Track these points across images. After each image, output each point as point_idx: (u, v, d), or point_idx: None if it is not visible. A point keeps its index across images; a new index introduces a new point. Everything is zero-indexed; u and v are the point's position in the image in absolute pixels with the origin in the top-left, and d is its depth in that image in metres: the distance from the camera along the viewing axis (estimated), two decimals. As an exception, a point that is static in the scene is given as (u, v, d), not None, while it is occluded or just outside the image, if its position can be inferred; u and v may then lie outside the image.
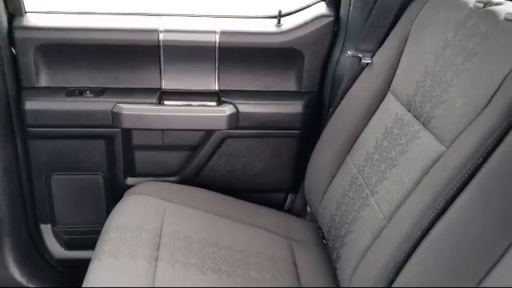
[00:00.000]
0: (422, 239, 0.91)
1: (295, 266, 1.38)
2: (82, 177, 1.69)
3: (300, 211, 1.77)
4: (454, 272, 0.82)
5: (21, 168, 1.63)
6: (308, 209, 1.67)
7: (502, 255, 0.77)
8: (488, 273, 0.78)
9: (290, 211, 1.81)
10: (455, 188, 0.88)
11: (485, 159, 0.85)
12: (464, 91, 1.00)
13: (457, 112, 1.00)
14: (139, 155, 1.70)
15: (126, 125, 1.58)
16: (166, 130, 1.63)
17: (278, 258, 1.39)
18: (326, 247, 1.44)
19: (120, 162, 1.67)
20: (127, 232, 1.30)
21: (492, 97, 0.91)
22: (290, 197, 1.84)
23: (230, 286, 1.22)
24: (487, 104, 0.92)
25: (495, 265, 0.77)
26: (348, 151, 1.37)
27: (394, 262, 0.96)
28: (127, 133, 1.63)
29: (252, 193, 1.76)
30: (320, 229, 1.50)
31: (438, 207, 0.90)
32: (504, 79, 0.90)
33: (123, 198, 1.49)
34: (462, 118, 0.97)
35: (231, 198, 1.63)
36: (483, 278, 0.78)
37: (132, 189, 1.55)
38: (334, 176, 1.40)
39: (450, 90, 1.05)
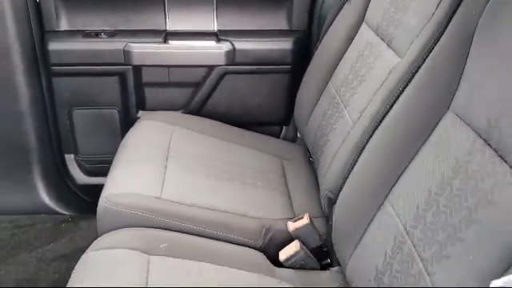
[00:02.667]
0: (375, 130, 1.12)
1: (284, 178, 1.60)
2: (99, 111, 1.92)
3: (292, 139, 1.99)
4: (395, 152, 1.03)
5: (46, 103, 1.86)
6: (298, 134, 1.89)
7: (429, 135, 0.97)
8: (421, 146, 0.98)
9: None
10: (401, 88, 1.09)
11: (423, 61, 1.06)
12: (417, 10, 1.20)
13: (411, 29, 1.20)
14: (149, 91, 1.92)
15: (136, 62, 1.80)
16: (171, 66, 1.84)
17: (270, 171, 1.61)
18: (312, 164, 1.66)
19: (132, 97, 1.90)
20: (140, 147, 1.53)
21: (435, 11, 1.11)
22: (284, 129, 2.06)
23: (229, 189, 1.44)
24: (431, 17, 1.12)
25: (424, 142, 0.98)
26: (329, 78, 1.58)
27: (355, 151, 1.17)
28: (137, 70, 1.84)
29: (250, 126, 1.97)
30: (307, 149, 1.72)
31: (388, 106, 1.11)
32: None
33: (135, 124, 1.72)
34: (414, 32, 1.17)
35: (232, 126, 1.84)
36: (413, 158, 0.99)
37: (143, 116, 1.78)
38: (317, 100, 1.61)
39: (407, 13, 1.25)
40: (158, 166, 1.45)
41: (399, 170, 1.01)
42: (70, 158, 2.00)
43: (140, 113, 1.92)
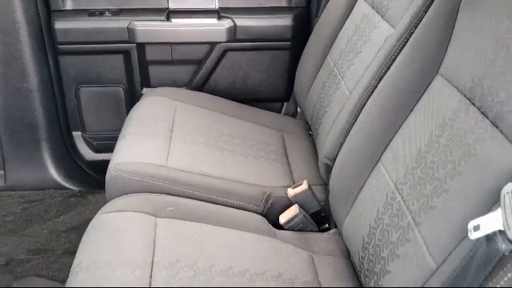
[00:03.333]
0: (369, 97, 1.17)
1: (285, 149, 1.66)
2: (105, 89, 1.97)
3: (292, 114, 2.05)
4: (388, 116, 1.09)
5: (53, 81, 1.91)
6: (298, 109, 1.95)
7: (419, 98, 1.03)
8: (412, 110, 1.04)
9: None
10: (393, 56, 1.14)
11: (414, 28, 1.10)
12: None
13: (403, 1, 1.25)
14: (153, 69, 1.97)
15: (140, 39, 1.85)
16: (174, 43, 1.89)
17: (271, 143, 1.66)
18: (311, 137, 1.72)
19: (137, 75, 1.95)
20: (145, 120, 1.59)
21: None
22: (285, 105, 2.11)
23: (231, 159, 1.50)
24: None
25: (415, 105, 1.03)
26: (328, 52, 1.63)
27: (351, 118, 1.23)
28: (141, 48, 1.90)
29: (251, 102, 2.02)
30: (307, 123, 1.78)
31: (381, 73, 1.16)
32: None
33: (140, 100, 1.77)
34: (405, 4, 1.22)
35: (233, 102, 1.90)
36: (404, 121, 1.04)
37: (147, 92, 1.84)
38: (316, 74, 1.66)
39: (401, -15, 1.29)
40: (162, 137, 1.51)
41: (392, 133, 1.07)
42: (77, 135, 2.07)
43: (144, 90, 1.98)
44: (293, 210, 1.31)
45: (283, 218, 1.31)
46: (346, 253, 1.22)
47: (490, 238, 0.65)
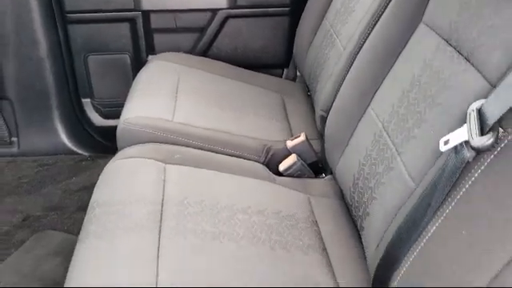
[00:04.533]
0: (360, 48, 1.27)
1: (284, 109, 1.75)
2: (112, 56, 2.07)
3: (292, 79, 2.14)
4: (377, 64, 1.18)
5: (62, 50, 2.01)
6: (298, 73, 2.04)
7: (405, 45, 1.12)
8: (397, 57, 1.13)
9: (285, 81, 2.17)
10: (382, 10, 1.23)
11: None
12: None
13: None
14: (157, 37, 2.06)
15: (145, 6, 1.94)
16: (177, 10, 1.98)
17: (271, 104, 1.76)
18: (309, 98, 1.81)
19: (142, 43, 2.04)
20: (151, 83, 1.69)
21: None
22: (285, 71, 2.20)
23: (233, 116, 1.59)
24: None
25: (400, 52, 1.12)
26: (324, 15, 1.72)
27: (344, 70, 1.32)
28: (146, 16, 1.98)
29: (252, 68, 2.10)
30: (306, 86, 1.87)
31: (370, 27, 1.25)
32: None
33: (146, 64, 1.87)
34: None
35: (235, 67, 1.99)
36: (391, 67, 1.14)
37: (153, 57, 1.93)
38: (314, 36, 1.75)
39: None
40: (168, 97, 1.60)
41: (380, 80, 1.16)
42: (86, 102, 2.16)
43: (150, 57, 2.07)
44: (291, 159, 1.41)
45: (282, 166, 1.41)
46: (340, 195, 1.32)
47: (457, 150, 0.75)
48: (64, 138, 2.12)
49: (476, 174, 0.73)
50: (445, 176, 0.77)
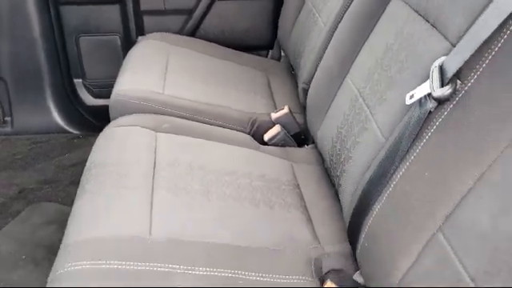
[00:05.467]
0: (339, 23, 1.35)
1: (269, 86, 1.84)
2: (103, 37, 2.13)
3: (277, 59, 2.22)
4: (354, 36, 1.27)
5: (55, 30, 2.07)
6: (282, 53, 2.13)
7: (379, 18, 1.21)
8: (372, 29, 1.22)
9: (270, 62, 2.26)
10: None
11: None
12: None
13: None
14: (147, 19, 2.14)
15: (134, -13, 2.02)
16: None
17: (256, 81, 1.85)
18: (294, 76, 1.90)
19: (132, 24, 2.12)
20: (142, 60, 1.77)
21: None
22: (270, 53, 2.29)
23: (220, 90, 1.67)
24: None
25: (375, 24, 1.21)
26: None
27: (325, 44, 1.41)
28: (136, -3, 2.06)
29: (239, 50, 2.19)
30: (291, 66, 1.95)
31: (348, 2, 1.34)
32: None
33: (136, 44, 1.94)
34: None
35: (222, 47, 2.07)
36: (367, 38, 1.23)
37: (142, 38, 2.00)
38: (297, 17, 1.84)
39: None
40: (158, 73, 1.68)
41: (357, 51, 1.25)
42: (78, 83, 2.23)
43: (139, 38, 2.13)
44: (275, 129, 1.50)
45: (267, 136, 1.50)
46: (321, 161, 1.41)
47: (421, 103, 0.84)
48: (56, 117, 2.19)
49: (437, 123, 0.82)
50: (410, 127, 0.86)
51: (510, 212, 0.66)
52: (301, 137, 1.60)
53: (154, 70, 1.69)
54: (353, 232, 1.00)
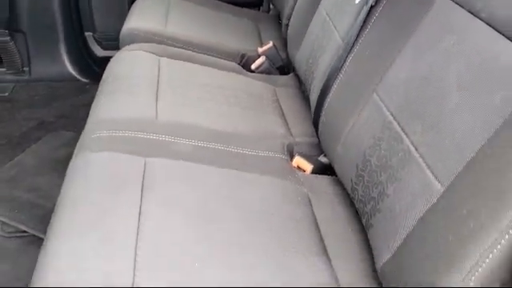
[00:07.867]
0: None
1: (258, 31, 2.10)
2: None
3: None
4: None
5: (68, -14, 2.33)
6: (271, 6, 2.39)
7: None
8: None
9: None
10: None
11: None
12: None
13: None
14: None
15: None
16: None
17: (247, 28, 2.10)
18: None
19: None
20: (147, 9, 2.03)
21: None
22: (260, 9, 2.54)
23: (213, 29, 1.94)
24: None
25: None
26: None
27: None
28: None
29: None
30: (279, 17, 2.20)
31: None
32: None
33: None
34: None
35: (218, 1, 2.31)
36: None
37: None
38: None
39: None
40: (161, 16, 1.95)
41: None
42: (89, 36, 2.49)
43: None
44: (261, 59, 1.76)
45: (254, 65, 1.76)
46: (299, 85, 1.67)
47: (367, 1, 1.11)
48: (69, 66, 2.45)
49: (374, 18, 1.08)
50: (356, 23, 1.12)
51: (423, 59, 0.91)
52: (284, 70, 1.85)
53: (158, 14, 1.95)
54: (316, 116, 1.26)
